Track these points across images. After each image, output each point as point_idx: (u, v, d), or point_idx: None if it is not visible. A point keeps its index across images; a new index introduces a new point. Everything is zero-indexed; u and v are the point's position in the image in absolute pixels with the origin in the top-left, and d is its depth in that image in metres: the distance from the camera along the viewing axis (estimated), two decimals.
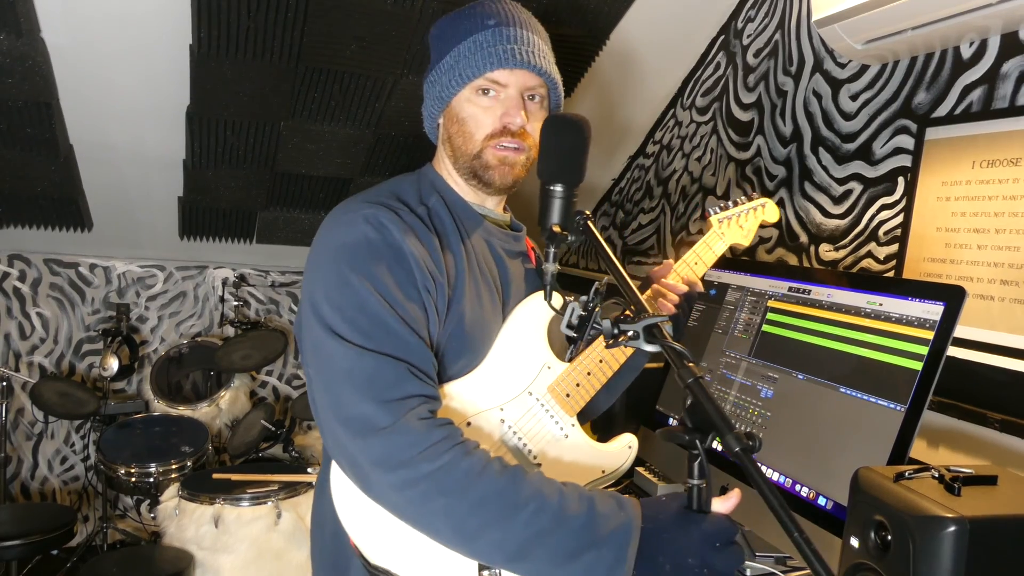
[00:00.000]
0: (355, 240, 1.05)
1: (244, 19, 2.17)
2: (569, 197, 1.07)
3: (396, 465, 0.94)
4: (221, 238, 3.41)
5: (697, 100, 2.73)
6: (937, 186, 1.71)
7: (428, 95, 1.22)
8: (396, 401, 0.97)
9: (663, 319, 0.91)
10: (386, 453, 0.94)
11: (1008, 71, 1.59)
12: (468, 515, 0.93)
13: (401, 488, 0.94)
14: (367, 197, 1.13)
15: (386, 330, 1.01)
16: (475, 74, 1.14)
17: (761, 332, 1.59)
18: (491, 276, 1.20)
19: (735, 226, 1.47)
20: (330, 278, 1.04)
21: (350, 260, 1.04)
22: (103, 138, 2.63)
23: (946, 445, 1.61)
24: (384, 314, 1.01)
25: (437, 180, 1.23)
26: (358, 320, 1.00)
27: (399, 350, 1.01)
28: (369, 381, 0.98)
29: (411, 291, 1.05)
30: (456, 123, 1.18)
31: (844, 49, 1.86)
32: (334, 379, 0.99)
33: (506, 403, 1.16)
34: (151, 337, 3.62)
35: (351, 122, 2.68)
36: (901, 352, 1.27)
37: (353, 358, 0.99)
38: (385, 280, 1.03)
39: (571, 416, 1.21)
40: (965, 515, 0.88)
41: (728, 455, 1.13)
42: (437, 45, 1.21)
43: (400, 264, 1.05)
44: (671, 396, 1.78)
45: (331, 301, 1.02)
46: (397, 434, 0.95)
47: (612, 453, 1.26)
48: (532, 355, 1.19)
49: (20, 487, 3.43)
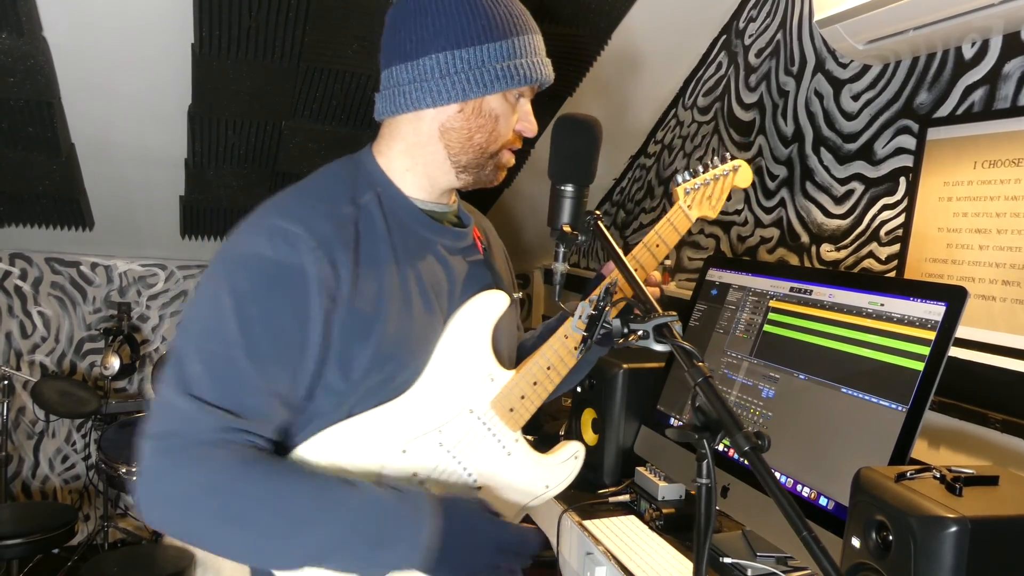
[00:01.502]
0: (248, 253, 1.00)
1: (246, 18, 2.17)
2: (579, 197, 1.06)
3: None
4: (222, 237, 3.41)
5: (699, 100, 2.72)
6: (939, 186, 1.71)
7: (453, 73, 1.06)
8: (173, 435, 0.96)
9: (673, 319, 0.91)
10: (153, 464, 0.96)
11: (1010, 71, 1.59)
12: (257, 533, 0.94)
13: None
14: (286, 204, 1.06)
15: (225, 377, 0.97)
16: (533, 79, 1.10)
17: (762, 332, 1.59)
18: (430, 283, 1.12)
19: (703, 198, 1.37)
20: (207, 286, 1.00)
21: (230, 274, 0.99)
22: (105, 137, 2.63)
23: (947, 445, 1.61)
24: (235, 356, 0.96)
25: (377, 174, 1.13)
26: (205, 351, 0.96)
27: (233, 400, 0.96)
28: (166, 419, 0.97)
29: (287, 321, 0.98)
30: (482, 118, 1.10)
31: (846, 49, 1.86)
32: (162, 393, 0.97)
33: (444, 424, 1.11)
34: (152, 336, 3.62)
35: (352, 122, 2.68)
36: (903, 352, 1.27)
37: (174, 391, 0.96)
38: (258, 306, 0.97)
39: (515, 431, 1.17)
40: (966, 515, 0.88)
41: (737, 454, 1.13)
42: (472, 20, 1.06)
43: (291, 287, 0.99)
44: (672, 396, 1.78)
45: (198, 315, 1.00)
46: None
47: (557, 467, 1.22)
48: (474, 367, 1.13)
49: (21, 486, 3.43)
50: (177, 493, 0.92)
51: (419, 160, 1.13)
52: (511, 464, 1.17)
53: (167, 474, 0.93)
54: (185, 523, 0.94)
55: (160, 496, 0.93)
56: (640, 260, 1.31)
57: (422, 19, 1.06)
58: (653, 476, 1.77)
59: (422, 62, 1.06)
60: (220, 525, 0.93)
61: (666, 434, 0.94)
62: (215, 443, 0.94)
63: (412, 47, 1.07)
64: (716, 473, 0.89)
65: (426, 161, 1.13)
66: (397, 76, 1.09)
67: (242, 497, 0.93)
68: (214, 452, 0.93)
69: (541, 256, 3.76)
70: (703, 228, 2.66)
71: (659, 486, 1.74)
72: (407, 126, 1.12)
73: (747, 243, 2.41)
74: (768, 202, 2.32)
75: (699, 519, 0.85)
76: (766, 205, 2.32)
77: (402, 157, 1.13)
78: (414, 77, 1.07)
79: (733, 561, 1.48)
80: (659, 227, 1.33)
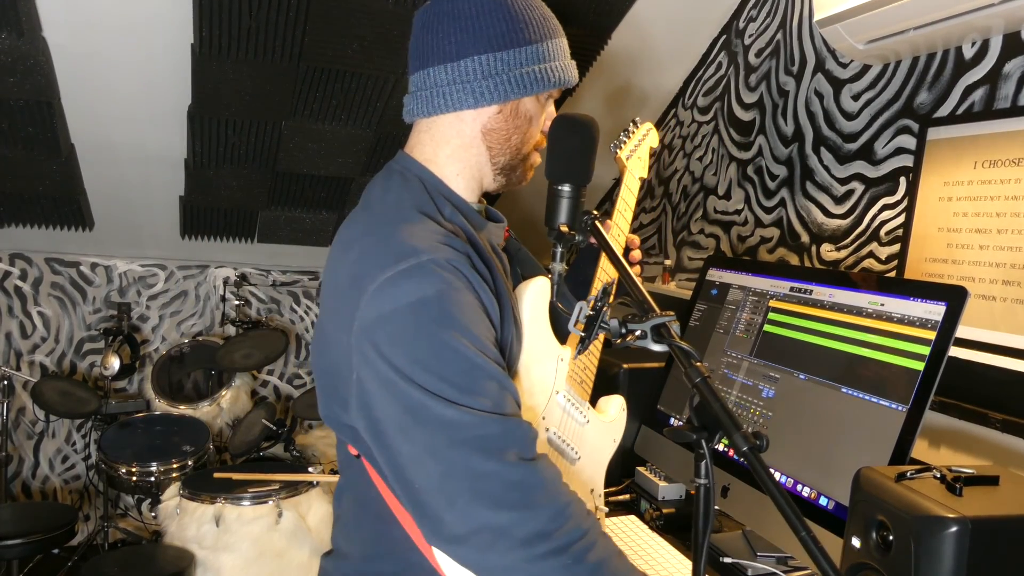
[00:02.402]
0: (435, 292, 0.93)
1: (246, 19, 2.17)
2: (577, 197, 1.07)
3: (542, 537, 0.90)
4: (222, 237, 3.42)
5: (699, 100, 2.72)
6: (939, 186, 1.71)
7: (495, 75, 1.06)
8: (532, 461, 0.93)
9: (671, 319, 0.91)
10: (538, 527, 0.89)
11: (1010, 71, 1.59)
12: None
13: (543, 558, 0.89)
14: (399, 243, 0.96)
15: (499, 385, 0.95)
16: (566, 81, 1.11)
17: (762, 332, 1.58)
18: (502, 279, 1.13)
19: (636, 160, 1.42)
20: (420, 341, 0.92)
21: (437, 316, 0.93)
22: (104, 137, 2.63)
23: (948, 445, 1.61)
24: (491, 369, 0.94)
25: (440, 185, 1.10)
26: (467, 381, 0.92)
27: (510, 405, 0.95)
28: (502, 444, 0.91)
29: (488, 331, 0.99)
30: (519, 119, 1.11)
31: (846, 49, 1.86)
32: (454, 446, 0.89)
33: (544, 409, 1.15)
34: (152, 336, 3.62)
35: (352, 122, 2.68)
36: (903, 352, 1.27)
37: (476, 422, 0.90)
38: (475, 329, 0.95)
39: (587, 401, 1.23)
40: (967, 515, 0.88)
41: (736, 454, 1.13)
42: (510, 23, 1.07)
43: (478, 306, 0.98)
44: (672, 396, 1.78)
45: (426, 365, 0.91)
46: (544, 507, 0.90)
47: (615, 421, 1.30)
48: (548, 352, 1.17)
49: (21, 486, 3.43)
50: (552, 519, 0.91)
51: (467, 163, 1.12)
52: (590, 431, 1.23)
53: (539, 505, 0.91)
54: (537, 562, 0.90)
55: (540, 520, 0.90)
56: (618, 224, 1.34)
57: (460, 22, 1.06)
58: (653, 476, 1.77)
59: (463, 64, 1.06)
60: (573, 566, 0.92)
61: (664, 434, 0.94)
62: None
63: (452, 49, 1.06)
64: (716, 473, 0.89)
65: (472, 164, 1.12)
66: (435, 77, 1.08)
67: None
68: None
69: (539, 256, 3.75)
70: (703, 228, 2.66)
71: (659, 486, 1.74)
72: (449, 128, 1.11)
73: (747, 243, 2.41)
74: (768, 202, 2.31)
75: (697, 519, 0.85)
76: (766, 205, 2.32)
77: (451, 162, 1.12)
78: (454, 79, 1.07)
79: (733, 561, 1.48)
80: (622, 194, 1.37)
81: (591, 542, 0.93)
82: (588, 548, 0.92)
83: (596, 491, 1.25)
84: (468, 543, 0.89)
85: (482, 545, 0.89)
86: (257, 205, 3.16)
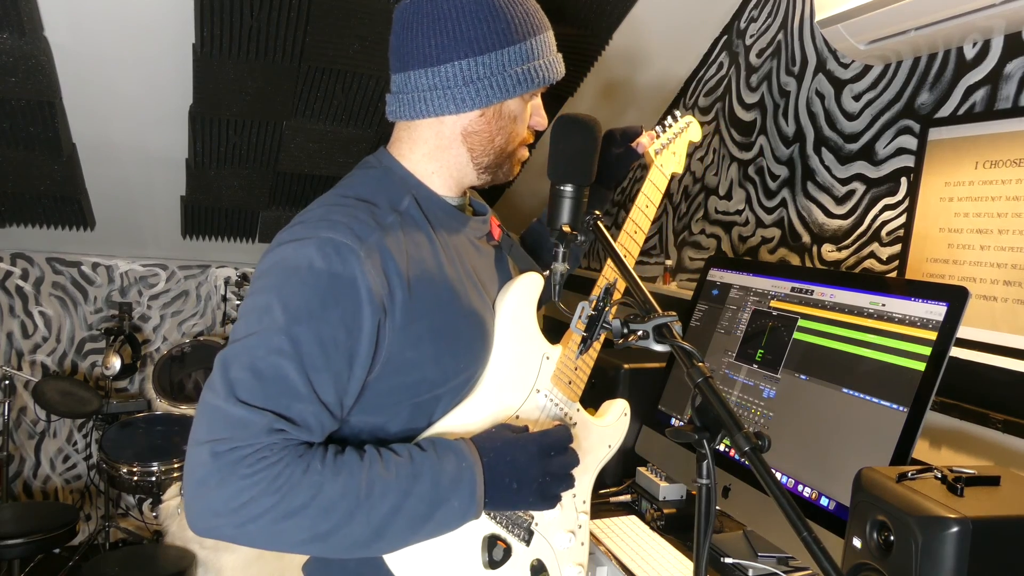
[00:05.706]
0: (299, 265, 0.95)
1: (247, 18, 2.18)
2: (579, 197, 1.06)
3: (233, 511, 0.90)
4: (223, 237, 3.42)
5: (700, 100, 2.72)
6: (940, 186, 1.71)
7: (476, 80, 1.05)
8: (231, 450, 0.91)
9: (673, 319, 0.91)
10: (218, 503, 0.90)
11: (1011, 72, 1.59)
12: (319, 522, 0.92)
13: (243, 525, 0.90)
14: (331, 215, 1.00)
15: (274, 384, 0.93)
16: (550, 79, 1.10)
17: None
18: (477, 275, 1.13)
19: (669, 154, 1.42)
20: (257, 298, 0.96)
21: (281, 286, 0.95)
22: (106, 137, 2.64)
23: (948, 446, 1.61)
24: (283, 365, 0.93)
25: (407, 177, 1.11)
26: (254, 360, 0.93)
27: (280, 405, 0.93)
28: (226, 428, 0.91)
29: (339, 334, 0.96)
30: (502, 119, 1.10)
31: (847, 49, 1.86)
32: (204, 409, 0.93)
33: (519, 407, 1.14)
34: (153, 336, 3.63)
35: (353, 122, 2.69)
36: (904, 353, 1.27)
37: (222, 397, 0.92)
38: (309, 319, 0.95)
39: (575, 402, 1.21)
40: (968, 516, 0.88)
41: (737, 455, 1.13)
42: (492, 23, 1.04)
43: (343, 300, 0.96)
44: (673, 396, 1.78)
45: (247, 326, 0.95)
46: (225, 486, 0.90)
47: (613, 426, 1.28)
48: (531, 348, 1.16)
49: (22, 486, 3.43)
50: (236, 496, 0.90)
51: (443, 163, 1.12)
52: (578, 433, 1.21)
53: (225, 480, 0.90)
54: (246, 526, 0.91)
55: (220, 501, 0.90)
56: (637, 221, 1.33)
57: (440, 23, 1.04)
58: (654, 476, 1.77)
59: (444, 69, 1.04)
60: (282, 520, 0.91)
61: (666, 434, 0.94)
62: (267, 445, 0.92)
63: (432, 52, 1.04)
64: (717, 473, 0.89)
65: (450, 164, 1.12)
66: (416, 81, 1.07)
67: (301, 489, 0.91)
68: (268, 453, 0.92)
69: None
70: (704, 228, 2.66)
71: (660, 486, 1.74)
72: (428, 130, 1.10)
73: (748, 243, 2.41)
74: (769, 202, 2.32)
75: (699, 519, 0.85)
76: (767, 205, 2.32)
77: (427, 161, 1.11)
78: (435, 84, 1.05)
79: (734, 561, 1.48)
80: (644, 188, 1.35)
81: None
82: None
83: (579, 496, 1.22)
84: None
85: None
86: (258, 205, 3.16)
